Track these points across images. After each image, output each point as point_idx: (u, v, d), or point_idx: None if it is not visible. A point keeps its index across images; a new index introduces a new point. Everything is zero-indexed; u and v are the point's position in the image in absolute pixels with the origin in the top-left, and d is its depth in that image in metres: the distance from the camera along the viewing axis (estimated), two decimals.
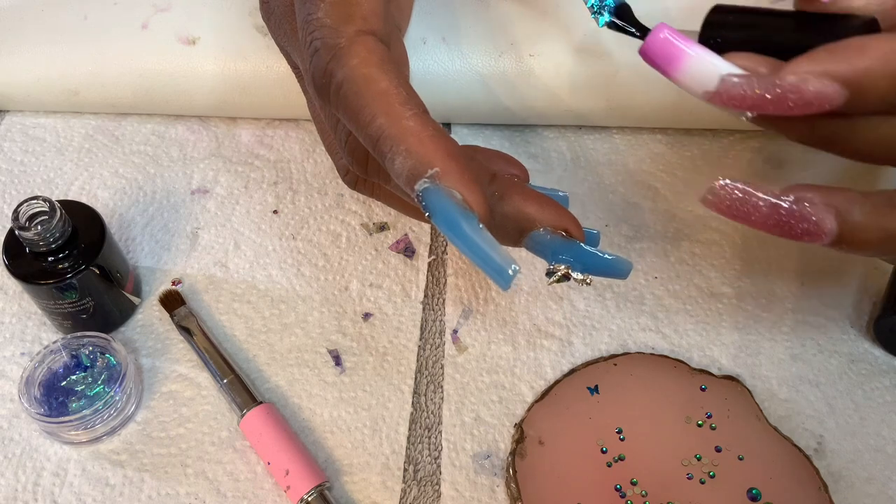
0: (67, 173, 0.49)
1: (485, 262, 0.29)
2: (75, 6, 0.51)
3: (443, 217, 0.29)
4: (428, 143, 0.29)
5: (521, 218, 0.33)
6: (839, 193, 0.30)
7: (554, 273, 0.32)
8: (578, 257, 0.32)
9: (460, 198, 0.29)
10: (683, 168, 0.48)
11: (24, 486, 0.38)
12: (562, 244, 0.33)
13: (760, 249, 0.45)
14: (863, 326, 0.42)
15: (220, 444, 0.39)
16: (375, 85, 0.30)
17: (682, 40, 0.30)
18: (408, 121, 0.30)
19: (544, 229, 0.33)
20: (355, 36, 0.31)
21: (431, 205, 0.29)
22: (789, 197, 0.29)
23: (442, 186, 0.29)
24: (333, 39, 0.31)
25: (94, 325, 0.41)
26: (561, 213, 0.33)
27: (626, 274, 0.33)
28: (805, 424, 0.39)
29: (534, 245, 0.33)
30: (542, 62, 0.46)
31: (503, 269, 0.28)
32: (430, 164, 0.29)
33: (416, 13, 0.46)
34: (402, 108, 0.30)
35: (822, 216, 0.29)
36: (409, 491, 0.38)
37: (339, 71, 0.31)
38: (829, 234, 0.30)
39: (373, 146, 0.31)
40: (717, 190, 0.30)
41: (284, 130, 0.51)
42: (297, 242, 0.46)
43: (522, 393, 0.41)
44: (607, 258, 0.33)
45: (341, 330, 0.43)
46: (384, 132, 0.30)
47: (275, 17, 0.39)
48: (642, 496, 0.36)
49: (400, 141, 0.30)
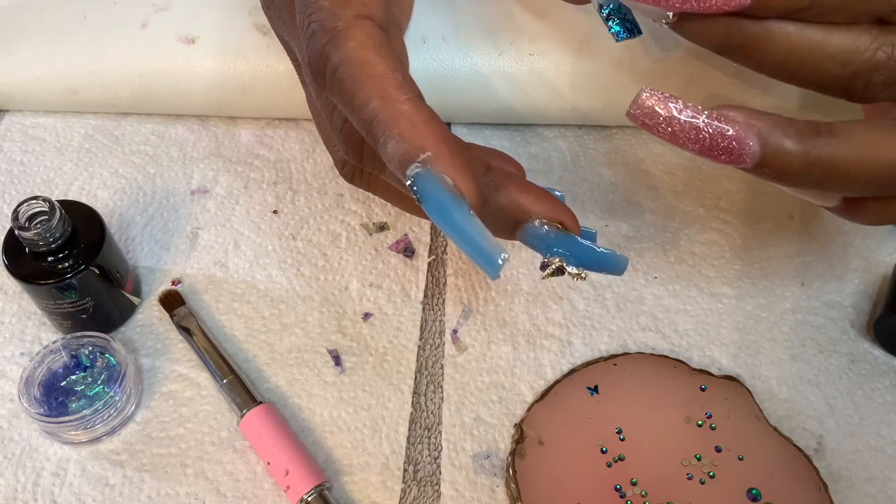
0: (67, 173, 0.49)
1: (474, 250, 0.29)
2: (75, 6, 0.51)
3: (433, 202, 0.29)
4: (421, 128, 0.29)
5: (516, 209, 0.32)
6: (764, 115, 0.29)
7: (548, 266, 0.32)
8: (573, 251, 0.32)
9: (451, 183, 0.29)
10: (683, 168, 0.48)
11: (24, 486, 0.38)
12: (557, 237, 0.32)
13: (760, 249, 0.45)
14: (863, 326, 0.42)
15: (220, 444, 0.39)
16: (371, 68, 0.30)
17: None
18: (402, 104, 0.30)
19: (539, 221, 0.32)
20: (353, 19, 0.31)
21: (422, 189, 0.29)
22: (711, 113, 0.29)
23: (434, 171, 0.29)
24: (331, 22, 0.31)
25: (94, 325, 0.41)
26: (556, 205, 0.33)
27: (622, 269, 0.33)
28: (805, 424, 0.39)
29: (528, 237, 0.33)
30: (542, 61, 0.46)
31: (492, 257, 0.28)
32: (422, 148, 0.29)
33: (416, 12, 0.46)
34: (397, 92, 0.30)
35: (743, 135, 0.29)
36: (409, 491, 0.38)
37: (335, 53, 0.31)
38: (750, 155, 0.29)
39: (366, 130, 0.31)
40: (642, 101, 0.30)
41: (284, 130, 0.51)
42: (297, 242, 0.46)
43: (522, 393, 0.40)
44: (602, 252, 0.32)
45: (341, 330, 0.43)
46: (377, 115, 0.30)
47: (275, 6, 0.39)
48: (642, 496, 0.36)
49: (393, 125, 0.29)
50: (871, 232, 0.45)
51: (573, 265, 0.32)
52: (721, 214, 0.46)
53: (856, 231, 0.45)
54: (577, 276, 0.32)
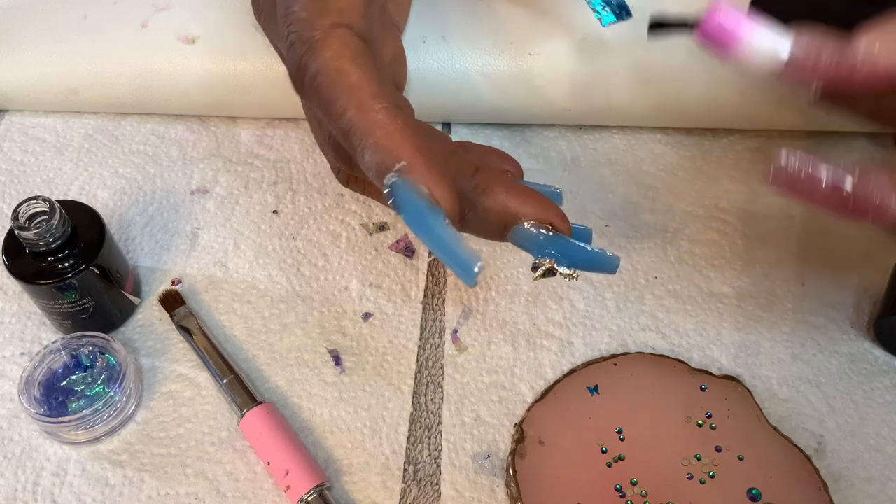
0: (67, 173, 0.49)
1: (449, 258, 0.29)
2: (75, 5, 0.51)
3: (409, 212, 0.29)
4: (395, 137, 0.29)
5: (504, 212, 0.32)
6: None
7: (539, 267, 0.32)
8: (564, 251, 0.32)
9: (427, 192, 0.29)
10: (683, 168, 0.48)
11: (24, 486, 0.38)
12: (547, 238, 0.32)
13: (760, 249, 0.45)
14: (863, 326, 0.42)
15: (220, 444, 0.39)
16: (347, 77, 0.30)
17: (741, 17, 0.30)
18: (376, 114, 0.30)
19: (529, 223, 0.32)
20: (330, 29, 0.31)
21: (398, 199, 0.29)
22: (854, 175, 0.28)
23: (409, 181, 0.29)
24: (308, 32, 0.32)
25: (94, 325, 0.41)
26: (545, 206, 0.32)
27: (614, 268, 0.33)
28: (805, 424, 0.39)
29: (518, 239, 0.33)
30: (541, 61, 0.46)
31: (468, 266, 0.28)
32: (397, 157, 0.29)
33: (415, 12, 0.46)
34: (372, 101, 0.30)
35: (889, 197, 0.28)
36: (409, 491, 0.38)
37: (312, 63, 0.31)
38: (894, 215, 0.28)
39: (345, 139, 0.31)
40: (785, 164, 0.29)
41: (284, 130, 0.51)
42: (297, 242, 0.46)
43: (522, 393, 0.40)
44: (594, 251, 0.32)
45: (341, 330, 0.43)
46: (354, 125, 0.30)
47: (264, 15, 0.39)
48: (642, 496, 0.36)
49: (368, 134, 0.30)
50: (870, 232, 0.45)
51: (564, 266, 0.32)
52: (721, 214, 0.46)
53: (856, 231, 0.45)
54: (569, 276, 0.32)
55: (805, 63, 0.29)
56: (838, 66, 0.28)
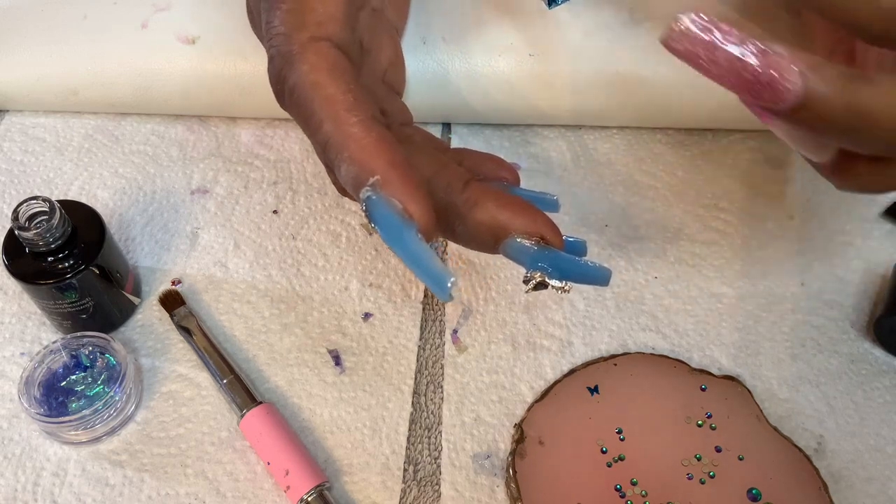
0: (67, 173, 0.49)
1: (423, 273, 0.29)
2: (75, 5, 0.51)
3: (383, 226, 0.29)
4: (369, 151, 0.29)
5: (495, 225, 0.32)
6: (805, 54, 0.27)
7: (530, 280, 0.31)
8: (555, 264, 0.31)
9: (400, 207, 0.29)
10: (683, 168, 0.48)
11: (24, 486, 0.38)
12: (538, 252, 0.31)
13: (760, 249, 0.45)
14: (863, 326, 0.42)
15: (220, 444, 0.39)
16: (322, 90, 0.31)
17: None
18: (351, 127, 0.30)
19: (520, 236, 0.32)
20: (307, 42, 0.32)
21: (372, 214, 0.29)
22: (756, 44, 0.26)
23: (383, 195, 0.29)
24: (286, 46, 0.32)
25: (94, 325, 0.41)
26: (536, 218, 0.32)
27: (606, 281, 0.32)
28: (805, 424, 0.39)
29: (510, 252, 0.32)
30: (541, 62, 0.46)
31: (441, 281, 0.28)
32: (371, 171, 0.29)
33: (415, 13, 0.46)
34: (347, 115, 0.30)
35: (788, 71, 0.27)
36: (409, 491, 0.38)
37: (290, 77, 0.31)
38: (793, 94, 0.27)
39: (322, 153, 0.31)
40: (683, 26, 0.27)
41: (284, 130, 0.51)
42: (297, 242, 0.46)
43: (522, 393, 0.40)
44: (585, 265, 0.32)
45: (341, 330, 0.43)
46: (330, 138, 0.30)
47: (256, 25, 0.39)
48: (642, 496, 0.36)
49: (343, 147, 0.30)
50: (870, 232, 0.45)
51: (556, 279, 0.31)
52: (721, 214, 0.46)
53: (856, 231, 0.45)
54: (561, 289, 0.31)
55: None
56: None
